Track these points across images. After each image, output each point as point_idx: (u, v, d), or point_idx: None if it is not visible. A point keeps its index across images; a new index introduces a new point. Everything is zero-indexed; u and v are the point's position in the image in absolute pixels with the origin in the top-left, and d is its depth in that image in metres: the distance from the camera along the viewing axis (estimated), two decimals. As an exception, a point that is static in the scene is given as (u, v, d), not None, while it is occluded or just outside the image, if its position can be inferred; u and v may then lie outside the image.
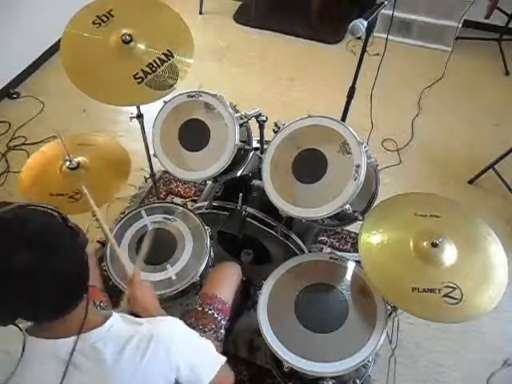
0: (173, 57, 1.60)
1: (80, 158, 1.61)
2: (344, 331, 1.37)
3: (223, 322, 1.41)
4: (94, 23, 1.59)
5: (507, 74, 3.06)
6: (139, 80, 1.56)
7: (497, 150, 2.32)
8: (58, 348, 0.86)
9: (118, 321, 0.93)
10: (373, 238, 1.39)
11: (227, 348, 1.75)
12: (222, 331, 1.40)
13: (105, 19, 1.61)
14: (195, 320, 1.37)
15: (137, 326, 0.93)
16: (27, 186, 1.58)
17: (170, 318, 1.04)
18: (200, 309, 1.39)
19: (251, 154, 1.70)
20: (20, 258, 0.75)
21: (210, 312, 1.39)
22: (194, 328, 1.33)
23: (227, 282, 1.51)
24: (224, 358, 1.07)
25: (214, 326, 1.36)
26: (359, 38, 1.62)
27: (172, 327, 1.00)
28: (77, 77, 1.54)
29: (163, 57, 1.60)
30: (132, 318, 0.97)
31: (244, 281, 1.61)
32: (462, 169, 2.50)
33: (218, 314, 1.39)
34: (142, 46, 1.60)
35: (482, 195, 2.40)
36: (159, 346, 0.91)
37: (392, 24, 1.93)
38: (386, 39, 1.96)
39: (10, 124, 2.77)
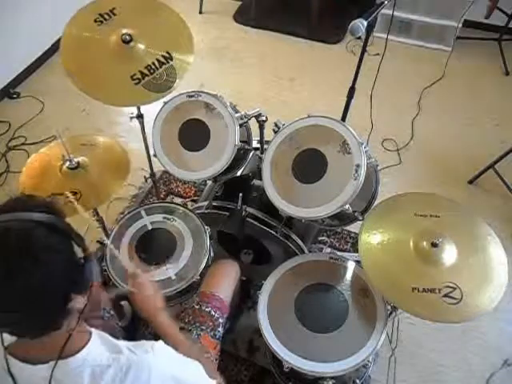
0: (171, 59, 1.60)
1: (80, 158, 1.61)
2: (344, 331, 1.37)
3: (221, 320, 1.40)
4: (95, 21, 1.59)
5: (507, 73, 3.05)
6: (136, 81, 1.56)
7: (497, 149, 2.32)
8: (35, 373, 0.81)
9: (96, 346, 0.86)
10: (373, 237, 1.39)
11: (227, 348, 1.76)
12: (220, 329, 1.38)
13: (107, 17, 1.60)
14: (192, 318, 1.36)
15: (116, 354, 0.86)
16: (27, 186, 1.58)
17: (157, 346, 0.93)
18: (197, 307, 1.38)
19: (251, 154, 1.70)
20: None
21: (206, 309, 1.38)
22: (190, 326, 1.33)
23: (225, 280, 1.50)
24: (213, 382, 1.01)
25: (211, 324, 1.35)
26: (359, 38, 1.61)
27: (156, 359, 0.90)
28: (77, 77, 1.54)
29: (162, 59, 1.59)
30: (113, 341, 0.90)
31: (244, 281, 1.60)
32: (462, 169, 2.50)
33: (215, 312, 1.38)
34: (141, 46, 1.60)
35: (482, 195, 2.40)
36: (137, 379, 0.85)
37: (392, 24, 1.93)
38: (386, 39, 1.96)
39: (10, 124, 2.77)
